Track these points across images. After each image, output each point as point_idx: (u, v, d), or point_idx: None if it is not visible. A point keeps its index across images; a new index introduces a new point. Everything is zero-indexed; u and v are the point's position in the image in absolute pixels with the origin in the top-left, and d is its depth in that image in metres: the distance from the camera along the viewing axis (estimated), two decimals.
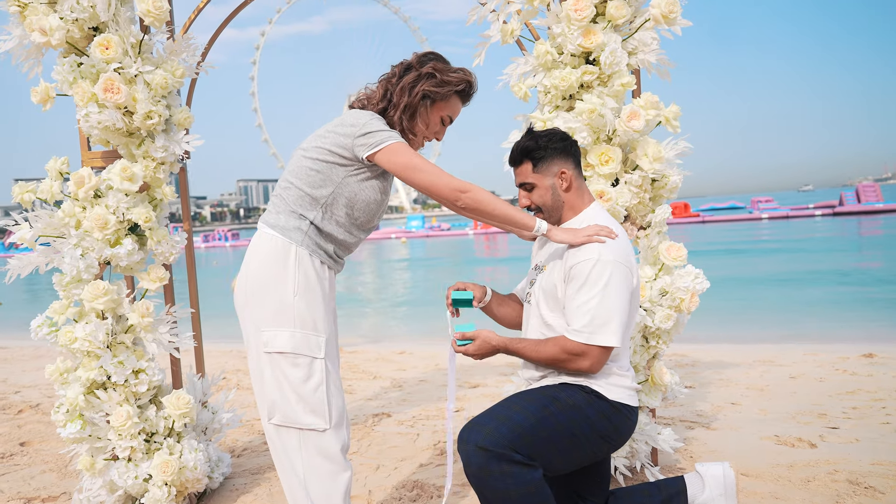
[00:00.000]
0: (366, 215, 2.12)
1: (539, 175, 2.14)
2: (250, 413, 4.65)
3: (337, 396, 2.10)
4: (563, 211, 2.16)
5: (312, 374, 2.05)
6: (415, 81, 2.09)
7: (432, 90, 2.09)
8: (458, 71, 2.15)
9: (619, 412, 2.02)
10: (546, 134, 2.15)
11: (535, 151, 2.13)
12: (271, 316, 2.04)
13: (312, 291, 2.06)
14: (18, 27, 2.65)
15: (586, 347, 1.95)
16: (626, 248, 2.07)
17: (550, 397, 1.98)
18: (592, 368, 1.98)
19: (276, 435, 2.08)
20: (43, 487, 3.31)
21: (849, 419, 3.88)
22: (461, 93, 2.16)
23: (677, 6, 2.57)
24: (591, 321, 1.95)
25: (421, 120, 2.13)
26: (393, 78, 2.13)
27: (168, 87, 2.63)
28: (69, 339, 2.63)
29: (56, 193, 2.70)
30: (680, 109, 2.73)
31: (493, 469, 1.84)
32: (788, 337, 8.35)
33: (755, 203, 45.53)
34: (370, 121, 2.04)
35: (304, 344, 2.03)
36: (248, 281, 2.09)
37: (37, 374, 6.96)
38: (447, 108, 2.15)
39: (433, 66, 2.10)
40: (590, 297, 1.96)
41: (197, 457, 2.80)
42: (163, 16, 2.58)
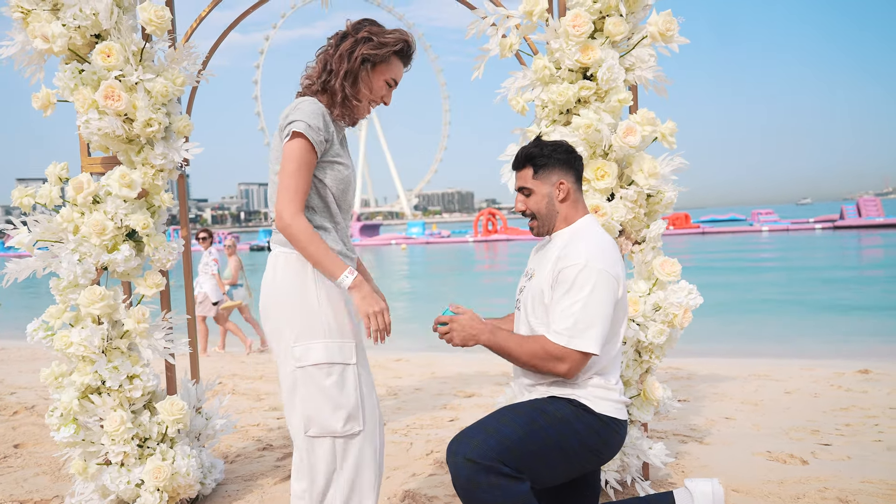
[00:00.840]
0: (347, 196, 2.17)
1: (538, 182, 2.17)
2: (244, 419, 4.66)
3: (370, 398, 2.14)
4: (556, 220, 2.19)
5: (346, 380, 2.08)
6: (352, 47, 2.10)
7: (371, 53, 2.10)
8: (394, 32, 2.16)
9: (607, 426, 2.03)
10: (552, 144, 2.20)
11: (538, 158, 2.17)
12: (301, 331, 2.06)
13: (335, 298, 2.09)
14: (21, 33, 2.68)
15: (565, 351, 1.96)
16: (615, 258, 2.09)
17: (539, 410, 1.99)
18: (569, 373, 1.98)
19: (311, 446, 2.09)
20: (36, 490, 3.31)
21: (841, 436, 3.89)
22: (400, 53, 2.17)
23: (674, 24, 2.59)
24: (574, 325, 1.96)
25: (364, 84, 2.14)
26: (330, 49, 2.14)
27: (168, 95, 2.66)
28: (65, 343, 2.64)
29: (55, 198, 2.72)
30: (676, 126, 2.75)
31: (482, 481, 1.85)
32: (785, 351, 8.36)
33: (755, 215, 45.58)
34: (298, 105, 2.06)
35: (337, 352, 2.07)
36: (274, 302, 2.11)
37: (33, 376, 6.96)
38: (388, 71, 2.16)
39: (368, 31, 2.12)
40: (574, 301, 1.98)
41: (190, 463, 2.80)
42: (165, 25, 2.61)
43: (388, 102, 2.23)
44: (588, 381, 2.05)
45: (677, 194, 2.75)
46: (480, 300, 14.95)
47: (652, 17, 2.64)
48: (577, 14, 2.59)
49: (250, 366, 7.34)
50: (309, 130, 2.01)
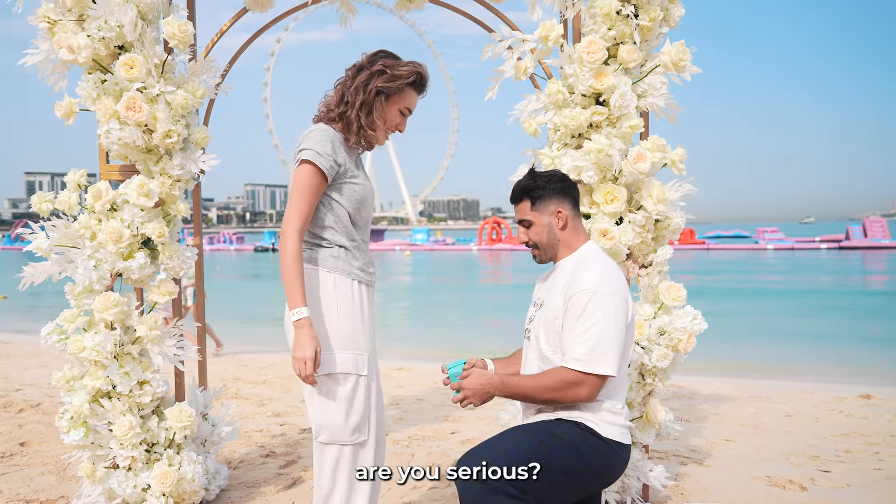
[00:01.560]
0: (359, 213, 2.27)
1: (536, 213, 2.22)
2: (247, 424, 4.70)
3: (377, 410, 2.25)
4: (558, 248, 2.23)
5: (358, 391, 2.20)
6: (367, 80, 2.22)
7: (384, 86, 2.21)
8: (408, 64, 2.26)
9: (612, 449, 2.07)
10: (545, 175, 2.25)
11: (534, 191, 2.22)
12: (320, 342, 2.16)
13: (354, 312, 2.21)
14: (46, 42, 2.74)
15: (584, 376, 2.01)
16: (622, 282, 2.14)
17: (547, 433, 2.03)
18: (590, 397, 2.03)
19: (321, 451, 2.23)
20: (42, 490, 3.36)
21: (841, 462, 3.91)
22: (414, 84, 2.27)
23: (687, 54, 2.63)
24: (590, 350, 2.01)
25: (378, 115, 2.25)
26: (347, 80, 2.26)
27: (188, 107, 2.71)
28: (78, 347, 2.69)
29: (74, 205, 2.77)
30: (686, 153, 2.79)
31: (489, 501, 1.89)
32: (787, 373, 8.36)
33: (761, 233, 45.53)
34: (311, 133, 2.20)
35: (351, 363, 2.18)
36: None
37: (38, 372, 7.02)
38: (402, 101, 2.27)
39: (383, 63, 2.22)
40: (588, 326, 2.02)
41: (195, 469, 2.84)
42: (187, 39, 2.66)
43: (403, 130, 2.34)
44: (596, 404, 2.09)
45: (685, 220, 2.79)
46: (484, 317, 14.98)
47: (665, 46, 2.68)
48: (592, 41, 2.64)
49: (253, 370, 7.38)
50: (317, 157, 2.14)
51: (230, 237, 56.64)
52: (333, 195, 2.23)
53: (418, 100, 2.33)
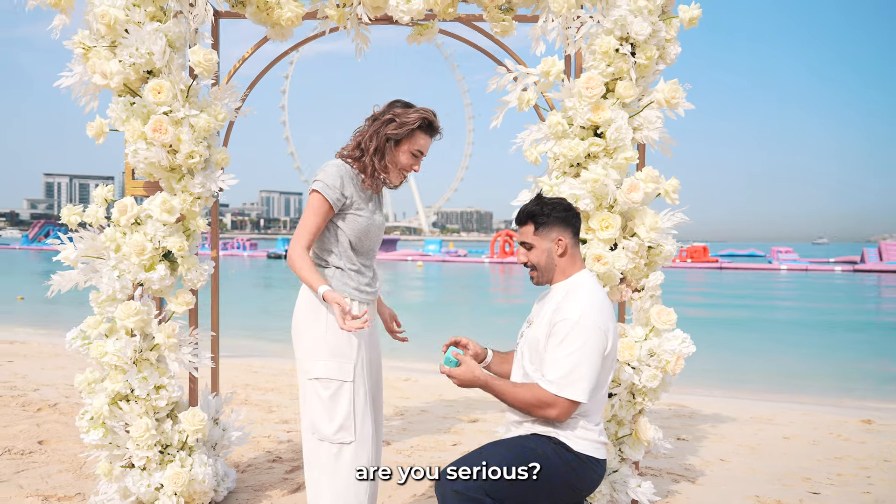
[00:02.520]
0: (363, 241, 2.55)
1: (538, 238, 2.37)
2: (256, 430, 4.86)
3: (363, 413, 2.48)
4: (554, 273, 2.38)
5: (341, 396, 2.46)
6: (379, 128, 2.50)
7: (393, 132, 2.48)
8: (416, 111, 2.50)
9: (584, 463, 2.21)
10: (551, 202, 2.39)
11: (539, 217, 2.36)
12: (311, 349, 2.50)
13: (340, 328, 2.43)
14: (80, 65, 2.93)
15: (556, 399, 2.17)
16: (607, 315, 2.28)
17: (522, 447, 2.19)
18: (559, 418, 2.20)
19: (315, 447, 2.49)
20: (59, 486, 3.53)
21: (832, 485, 4.00)
22: (422, 128, 2.51)
23: (680, 92, 2.79)
24: (565, 375, 2.16)
25: (389, 159, 2.53)
26: (364, 129, 2.55)
27: (210, 129, 2.89)
28: (100, 352, 2.86)
29: (100, 218, 2.96)
30: (679, 184, 2.93)
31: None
32: (790, 395, 8.41)
33: (775, 253, 45.31)
34: (325, 167, 2.51)
35: (336, 370, 2.46)
36: (295, 323, 2.58)
37: (55, 373, 7.23)
38: (412, 144, 2.53)
39: (393, 112, 2.50)
40: (566, 353, 2.18)
41: (206, 471, 3.00)
42: (212, 67, 2.85)
43: (418, 170, 2.59)
44: (570, 422, 2.23)
45: (677, 248, 2.92)
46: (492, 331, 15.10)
47: (659, 84, 2.84)
48: (591, 77, 2.80)
49: (263, 377, 7.55)
50: (325, 189, 2.44)
51: (244, 243, 57.17)
52: (339, 223, 2.51)
53: (431, 142, 2.56)
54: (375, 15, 3.07)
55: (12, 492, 3.43)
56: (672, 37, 2.92)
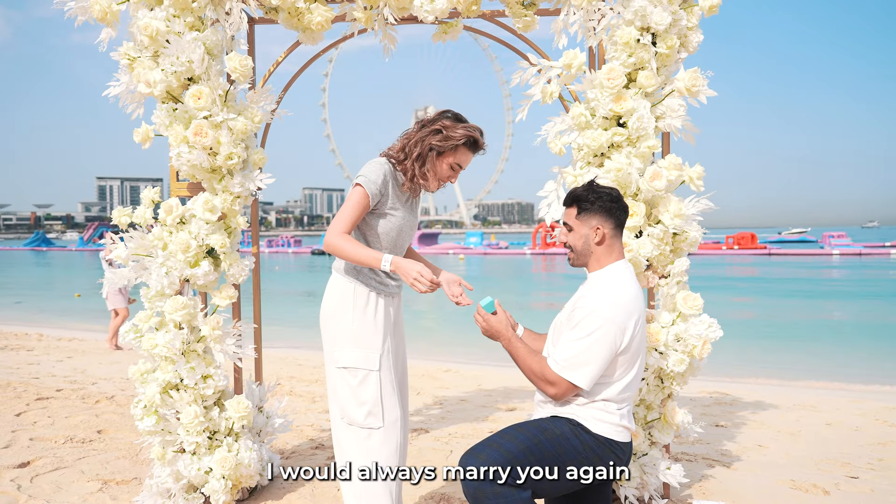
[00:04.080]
0: (394, 240, 2.66)
1: (579, 222, 2.44)
2: (300, 419, 5.04)
3: (390, 401, 2.60)
4: (590, 259, 2.45)
5: (368, 384, 2.58)
6: (425, 136, 2.58)
7: (437, 144, 2.56)
8: (464, 128, 2.58)
9: (603, 445, 2.28)
10: (599, 190, 2.44)
11: (583, 202, 2.44)
12: (337, 339, 2.62)
13: (367, 318, 2.61)
14: (126, 75, 3.11)
15: (558, 378, 2.27)
16: (628, 310, 2.31)
17: (540, 428, 2.27)
18: (556, 397, 2.29)
19: (343, 431, 2.62)
20: (117, 472, 3.76)
21: (872, 469, 3.96)
22: (466, 144, 2.59)
23: (700, 80, 2.82)
24: (570, 359, 2.25)
25: (429, 167, 2.61)
26: (411, 133, 2.64)
27: (248, 132, 3.04)
28: (151, 344, 3.05)
29: (148, 219, 3.14)
30: (703, 170, 2.96)
31: (487, 491, 2.14)
32: (836, 382, 8.25)
33: (826, 238, 43.99)
34: (368, 164, 2.61)
35: (362, 359, 2.58)
36: (323, 313, 2.69)
37: (111, 368, 7.59)
38: (454, 158, 2.61)
39: (442, 124, 2.58)
40: (576, 338, 2.26)
41: (251, 455, 3.17)
42: (248, 73, 3.00)
43: (454, 181, 2.69)
44: (590, 405, 2.30)
45: (702, 234, 2.96)
46: (534, 322, 15.10)
47: (680, 73, 2.87)
48: (612, 68, 2.85)
49: (308, 369, 7.78)
50: (367, 183, 2.54)
51: (288, 240, 58.18)
52: (371, 220, 2.63)
53: (473, 157, 2.66)
54: (401, 15, 3.17)
55: (75, 476, 3.67)
56: (693, 25, 2.94)
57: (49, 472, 3.74)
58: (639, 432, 3.01)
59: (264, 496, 3.39)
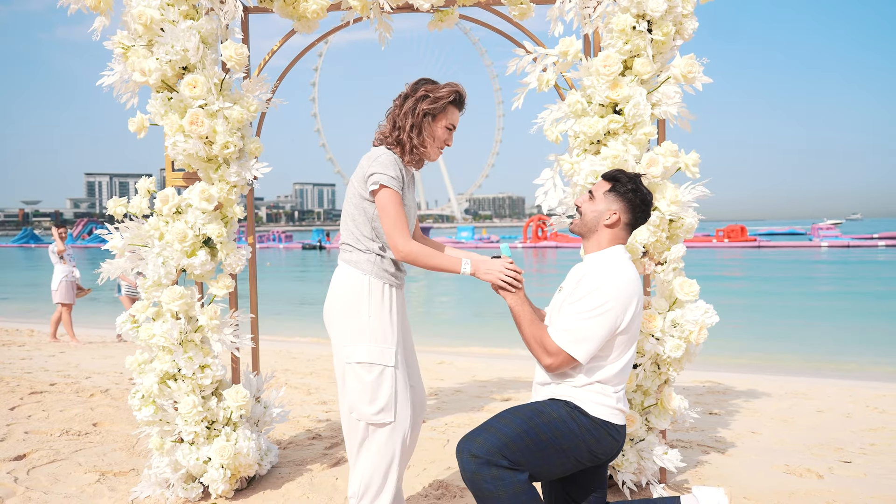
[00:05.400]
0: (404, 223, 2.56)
1: (604, 197, 2.46)
2: (296, 411, 5.05)
3: (403, 396, 2.58)
4: (591, 236, 2.48)
5: (384, 379, 2.54)
6: (414, 105, 2.57)
7: (428, 108, 2.56)
8: (447, 86, 2.59)
9: (600, 427, 2.30)
10: (640, 189, 2.46)
11: (619, 185, 2.46)
12: (351, 334, 2.55)
13: (383, 312, 2.56)
14: (120, 64, 3.10)
15: (558, 350, 2.29)
16: (630, 291, 2.34)
17: (536, 411, 2.29)
18: (550, 367, 2.31)
19: (353, 426, 2.58)
20: (114, 463, 3.75)
21: (864, 454, 4.01)
22: (454, 102, 2.60)
23: (696, 66, 2.83)
24: (572, 331, 2.27)
25: (427, 134, 2.60)
26: (395, 109, 2.62)
27: (243, 120, 3.03)
28: (148, 335, 3.05)
29: (144, 209, 3.13)
30: (699, 157, 2.98)
31: (485, 473, 2.16)
32: (828, 371, 8.33)
33: (815, 230, 44.31)
34: (378, 158, 2.54)
35: (378, 355, 2.53)
36: (333, 307, 2.60)
37: (104, 362, 7.55)
38: (446, 118, 2.61)
39: (425, 89, 2.57)
40: (580, 312, 2.28)
41: (250, 445, 3.17)
42: (243, 61, 2.99)
43: (451, 144, 2.68)
44: (587, 387, 2.32)
45: (698, 221, 2.98)
46: None
47: (676, 59, 2.88)
48: (608, 55, 2.86)
49: (302, 362, 7.77)
50: (391, 181, 2.49)
51: (279, 235, 57.97)
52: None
53: (460, 116, 2.66)
54: (397, 3, 3.16)
55: (71, 468, 3.65)
56: (689, 12, 2.95)
57: (45, 464, 3.72)
58: (636, 418, 3.04)
59: (262, 486, 3.39)
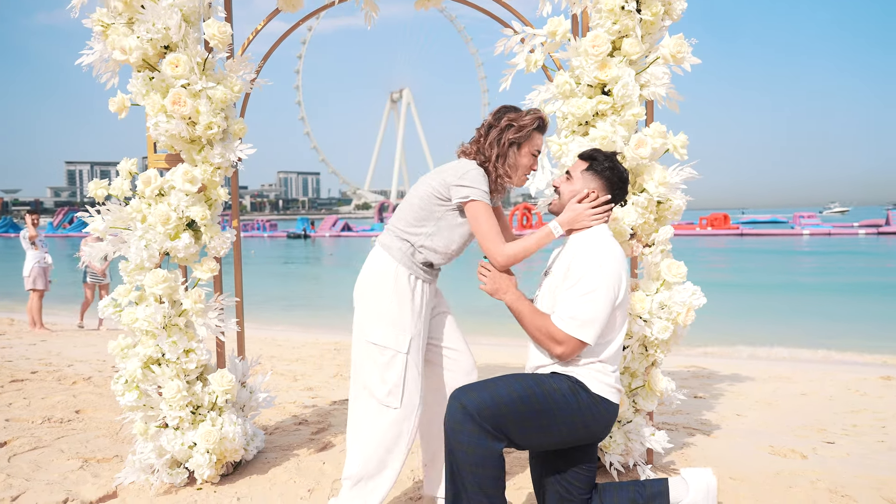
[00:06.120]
0: (458, 244, 2.64)
1: (582, 176, 2.46)
2: (282, 397, 5.02)
3: (412, 385, 2.60)
4: None
5: (395, 365, 2.57)
6: (499, 135, 2.57)
7: (514, 137, 2.57)
8: (529, 113, 2.60)
9: (598, 404, 2.30)
10: (617, 168, 2.46)
11: (595, 163, 2.46)
12: (372, 314, 2.59)
13: (404, 299, 2.58)
14: (100, 43, 3.02)
15: (566, 336, 2.26)
16: (621, 266, 2.36)
17: (537, 381, 2.29)
18: (563, 356, 2.29)
19: (362, 399, 2.62)
20: (98, 450, 3.70)
21: (847, 435, 4.06)
22: (538, 128, 2.61)
23: (685, 47, 2.81)
24: (577, 316, 2.25)
25: (512, 162, 2.60)
26: (481, 139, 2.61)
27: (227, 101, 2.98)
28: (131, 319, 3.00)
29: (126, 191, 3.07)
30: (687, 139, 2.97)
31: (465, 426, 2.18)
32: (811, 356, 8.44)
33: (797, 218, 44.82)
34: (468, 173, 2.53)
35: (393, 340, 2.57)
36: (361, 284, 2.65)
37: (86, 350, 7.47)
38: (532, 145, 2.62)
39: (508, 118, 2.58)
40: (580, 294, 2.26)
41: (235, 430, 3.14)
42: (226, 40, 2.92)
43: (536, 168, 2.69)
44: (589, 366, 2.32)
45: (686, 202, 2.97)
46: None
47: (664, 40, 2.86)
48: (597, 35, 2.83)
49: (287, 349, 7.74)
50: (483, 196, 2.51)
51: (264, 224, 57.61)
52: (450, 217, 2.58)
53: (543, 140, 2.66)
54: None
55: (54, 455, 3.61)
56: None
57: (27, 451, 3.67)
58: (624, 399, 3.04)
59: (249, 470, 3.37)
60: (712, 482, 2.48)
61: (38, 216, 9.92)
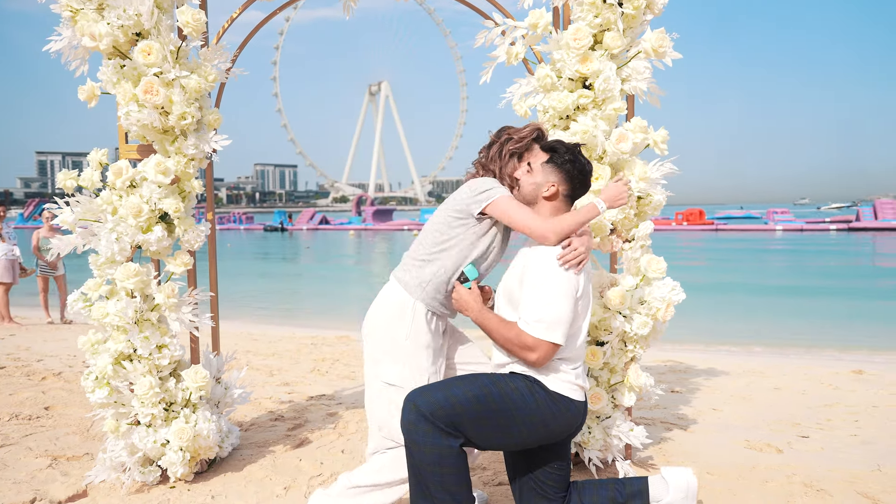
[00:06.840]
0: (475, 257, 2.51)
1: (542, 168, 2.41)
2: (258, 392, 4.95)
3: None
4: (532, 208, 2.42)
5: None
6: (500, 149, 2.55)
7: (515, 147, 2.53)
8: (527, 126, 2.58)
9: (557, 402, 2.28)
10: (579, 160, 2.41)
11: (556, 155, 2.41)
12: (386, 351, 2.50)
13: (421, 337, 2.48)
14: (69, 29, 2.93)
15: (537, 341, 2.22)
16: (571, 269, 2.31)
17: (494, 381, 2.27)
18: (538, 362, 2.24)
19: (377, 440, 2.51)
20: (68, 447, 3.61)
21: (821, 429, 4.11)
22: (536, 139, 2.57)
23: (667, 41, 2.80)
24: (544, 318, 2.21)
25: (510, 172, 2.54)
26: (482, 158, 2.59)
27: (201, 90, 2.90)
28: (102, 314, 2.92)
29: (96, 182, 2.98)
30: (668, 134, 2.97)
31: (420, 427, 2.17)
32: (784, 350, 8.56)
33: (770, 214, 45.50)
34: (481, 182, 2.48)
35: (410, 379, 2.46)
36: (374, 320, 2.55)
37: (57, 345, 7.31)
38: (532, 155, 2.55)
39: (507, 132, 2.57)
40: (540, 297, 2.22)
41: (210, 427, 3.08)
42: (200, 27, 2.85)
43: None
44: (548, 364, 2.29)
45: (665, 198, 2.97)
46: None
47: (646, 34, 2.85)
48: (578, 28, 2.81)
49: (263, 343, 7.65)
50: (504, 190, 2.45)
51: (240, 217, 57.06)
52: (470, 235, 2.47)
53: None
54: None
55: (21, 453, 3.51)
56: None
57: None
58: (602, 395, 3.03)
59: (224, 468, 3.31)
60: (692, 482, 2.48)
61: (5, 208, 9.70)
